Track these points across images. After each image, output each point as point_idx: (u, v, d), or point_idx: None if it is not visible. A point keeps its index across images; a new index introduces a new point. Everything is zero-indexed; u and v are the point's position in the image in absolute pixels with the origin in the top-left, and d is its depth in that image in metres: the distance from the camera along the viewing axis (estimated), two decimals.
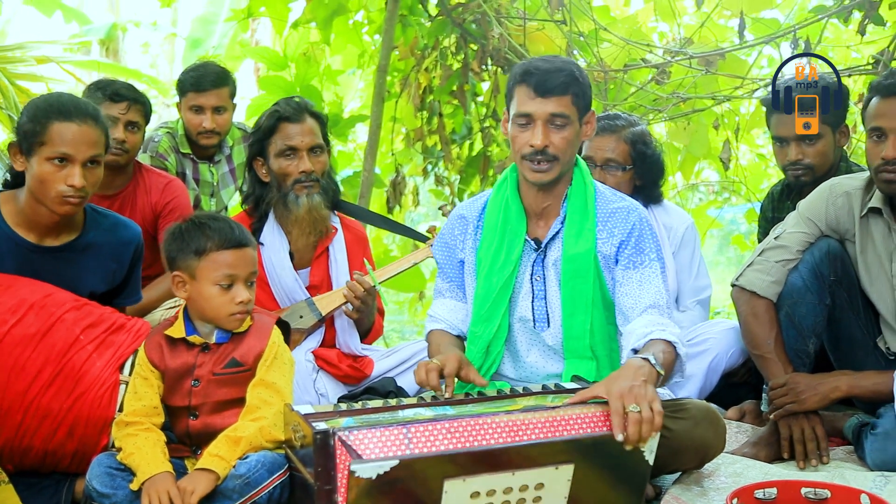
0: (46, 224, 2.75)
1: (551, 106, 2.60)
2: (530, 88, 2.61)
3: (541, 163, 2.64)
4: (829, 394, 2.85)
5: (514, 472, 2.08)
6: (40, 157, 2.62)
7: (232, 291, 2.48)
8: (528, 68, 2.64)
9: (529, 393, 2.39)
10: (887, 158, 2.78)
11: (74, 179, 2.62)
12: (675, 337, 2.50)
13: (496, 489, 2.07)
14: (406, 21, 5.99)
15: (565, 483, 2.13)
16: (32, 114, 2.65)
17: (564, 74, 2.61)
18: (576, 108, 2.64)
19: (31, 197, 2.70)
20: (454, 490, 2.05)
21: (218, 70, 4.28)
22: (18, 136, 2.67)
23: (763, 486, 2.46)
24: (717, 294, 3.88)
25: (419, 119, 6.32)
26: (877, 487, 2.52)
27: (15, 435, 2.52)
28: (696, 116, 5.41)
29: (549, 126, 2.62)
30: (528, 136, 2.63)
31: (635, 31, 5.48)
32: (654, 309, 2.60)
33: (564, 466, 2.12)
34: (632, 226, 2.70)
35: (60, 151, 2.62)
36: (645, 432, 2.12)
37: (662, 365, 2.35)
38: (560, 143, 2.63)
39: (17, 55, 5.63)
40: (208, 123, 4.20)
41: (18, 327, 2.56)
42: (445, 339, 2.83)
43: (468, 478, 2.05)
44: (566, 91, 2.61)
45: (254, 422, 2.39)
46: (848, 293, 2.99)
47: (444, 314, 2.90)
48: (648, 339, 2.49)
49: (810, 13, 5.03)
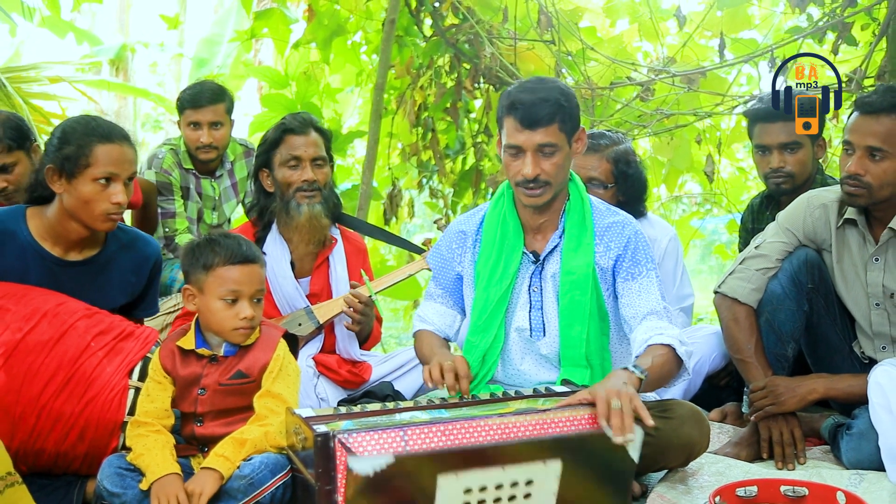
0: (74, 240, 2.77)
1: (539, 137, 2.58)
2: (517, 121, 2.59)
3: (534, 189, 2.64)
4: (807, 396, 2.85)
5: (505, 467, 2.08)
6: (85, 178, 2.65)
7: (237, 307, 2.47)
8: (513, 101, 2.61)
9: (521, 396, 2.39)
10: (849, 173, 2.80)
11: (119, 197, 2.67)
12: (672, 339, 2.50)
13: (487, 485, 2.07)
14: (402, 41, 6.01)
15: (554, 480, 2.13)
16: (72, 137, 2.66)
17: (549, 105, 2.57)
18: (563, 134, 2.62)
19: (64, 215, 2.72)
20: (448, 486, 2.04)
21: (214, 87, 4.30)
22: (57, 160, 2.66)
23: (744, 485, 2.47)
24: (700, 301, 3.88)
25: (414, 135, 6.32)
26: (852, 485, 2.53)
27: (29, 437, 2.51)
28: (679, 132, 5.43)
29: (538, 155, 2.61)
30: (519, 165, 2.63)
31: (621, 50, 5.50)
32: (653, 315, 2.61)
33: (553, 463, 2.12)
34: (627, 239, 2.70)
35: (108, 172, 2.66)
36: (627, 424, 2.12)
37: (649, 369, 2.36)
38: (551, 169, 2.62)
39: (32, 75, 5.65)
40: (206, 138, 4.21)
41: (32, 334, 2.55)
42: (436, 340, 2.83)
43: (461, 473, 2.05)
44: (552, 121, 2.58)
45: (260, 427, 2.39)
46: (825, 300, 2.99)
47: (433, 317, 2.89)
48: (647, 345, 2.51)
49: (786, 34, 5.06)
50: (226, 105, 4.27)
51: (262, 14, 6.19)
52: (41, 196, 2.77)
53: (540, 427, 2.16)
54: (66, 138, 2.67)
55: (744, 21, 5.34)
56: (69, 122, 2.76)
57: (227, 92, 4.34)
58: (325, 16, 5.88)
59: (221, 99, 4.25)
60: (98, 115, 2.92)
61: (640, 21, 5.72)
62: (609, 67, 5.32)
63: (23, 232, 2.74)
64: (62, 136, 2.69)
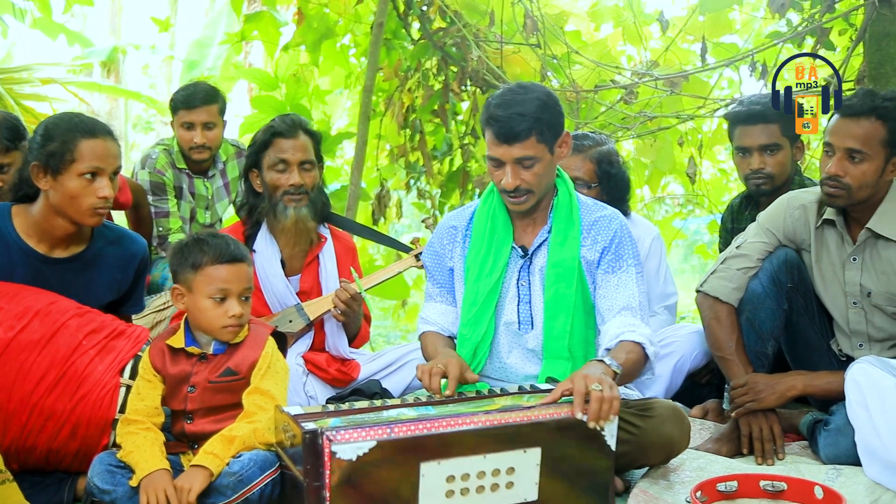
0: (59, 236, 2.75)
1: (516, 151, 2.58)
2: (494, 136, 2.60)
3: (516, 197, 2.66)
4: (786, 392, 2.87)
5: (486, 455, 2.10)
6: (71, 173, 2.64)
7: (225, 305, 2.47)
8: (491, 115, 2.60)
9: (506, 393, 2.40)
10: (829, 174, 2.82)
11: (106, 191, 2.66)
12: (643, 338, 2.53)
13: (470, 473, 2.09)
14: (390, 44, 6.01)
15: (535, 467, 2.15)
16: (56, 134, 2.65)
17: (525, 120, 2.55)
18: (543, 144, 2.61)
19: (50, 211, 2.70)
20: (430, 473, 2.06)
21: (207, 88, 4.31)
22: (41, 157, 2.65)
23: (725, 480, 2.48)
24: (682, 300, 3.90)
25: (402, 136, 6.32)
26: (829, 480, 2.54)
27: (20, 435, 2.50)
28: (662, 134, 5.45)
29: (517, 167, 2.61)
30: (501, 175, 2.64)
31: (605, 54, 5.53)
32: (628, 311, 2.63)
33: (532, 450, 2.14)
34: (613, 233, 2.72)
35: (93, 166, 2.65)
36: (605, 410, 2.15)
37: (623, 364, 2.40)
38: (531, 179, 2.63)
39: (24, 76, 5.63)
40: (199, 139, 4.22)
41: (24, 333, 2.54)
42: (440, 340, 2.83)
43: (443, 461, 2.07)
44: (528, 135, 2.57)
45: (249, 424, 2.39)
46: (804, 299, 3.01)
47: (435, 317, 2.89)
48: (619, 340, 2.53)
49: (766, 38, 5.08)
50: (219, 106, 4.28)
51: (252, 17, 6.18)
52: (26, 194, 2.75)
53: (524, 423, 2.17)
54: (49, 135, 2.66)
55: (725, 26, 5.37)
56: (52, 120, 2.75)
57: (219, 93, 4.35)
58: (314, 19, 5.88)
59: (215, 100, 4.26)
60: (81, 112, 2.90)
61: (623, 25, 5.74)
62: (593, 71, 5.33)
63: (7, 229, 2.73)
64: (45, 133, 2.67)
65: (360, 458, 1.98)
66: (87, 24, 12.88)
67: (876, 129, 2.77)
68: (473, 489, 2.11)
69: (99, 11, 12.21)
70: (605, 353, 2.51)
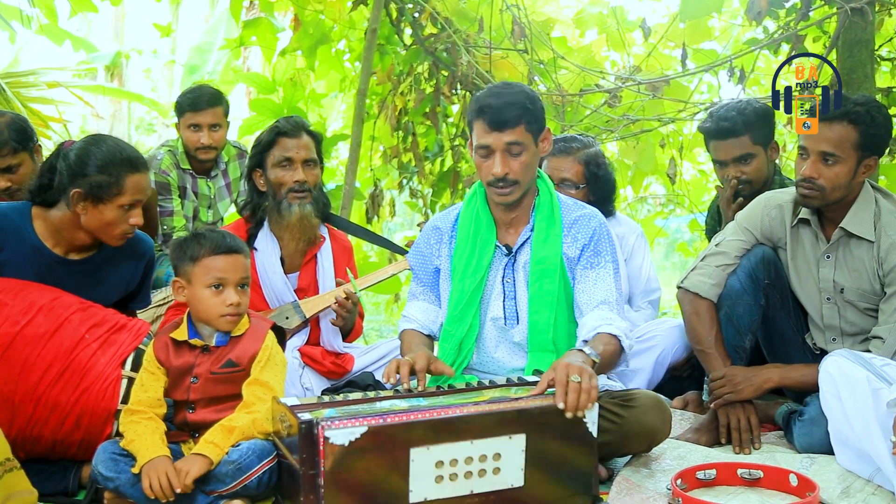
0: (78, 245, 2.78)
1: (507, 136, 2.62)
2: (486, 124, 2.62)
3: (504, 188, 2.67)
4: (763, 384, 2.87)
5: (473, 441, 2.11)
6: (113, 205, 2.67)
7: (223, 294, 2.47)
8: (482, 105, 2.64)
9: (495, 385, 2.40)
10: (804, 176, 2.83)
11: (137, 219, 2.73)
12: (619, 331, 2.55)
13: (458, 459, 2.10)
14: (383, 49, 6.01)
15: (520, 453, 2.17)
16: (103, 166, 2.65)
17: (516, 108, 2.61)
18: (530, 134, 2.65)
19: (74, 226, 2.72)
20: (420, 459, 2.07)
21: (212, 91, 4.33)
22: (84, 186, 2.65)
23: (704, 468, 2.49)
24: (664, 296, 3.90)
25: (395, 138, 6.32)
26: (803, 468, 2.55)
27: (27, 425, 2.50)
28: (644, 136, 5.46)
29: (506, 154, 2.63)
30: (490, 165, 2.65)
31: (590, 59, 5.52)
32: (605, 305, 2.65)
33: (517, 437, 2.15)
34: (593, 231, 2.73)
35: (134, 199, 2.70)
36: (583, 401, 2.16)
37: (601, 354, 2.42)
38: (518, 168, 2.65)
39: (31, 80, 5.60)
40: (205, 139, 4.24)
41: (29, 327, 2.54)
42: (416, 338, 2.83)
43: (432, 447, 2.08)
44: (519, 122, 2.61)
45: (248, 414, 2.39)
46: (780, 295, 3.02)
47: (417, 315, 2.90)
48: (596, 332, 2.55)
49: (744, 45, 5.09)
50: (223, 108, 4.31)
51: (251, 23, 6.17)
52: (44, 200, 2.76)
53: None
54: (97, 166, 2.65)
55: (704, 33, 5.37)
56: (99, 151, 2.69)
57: (223, 96, 4.38)
58: (310, 25, 5.88)
59: (219, 102, 4.28)
60: (112, 135, 2.91)
61: (608, 32, 5.75)
62: (579, 75, 5.33)
63: (27, 230, 2.73)
64: (90, 161, 2.66)
65: (352, 443, 2.00)
66: (91, 30, 12.83)
67: (848, 132, 2.78)
68: (462, 475, 2.12)
69: (103, 18, 12.16)
70: (582, 344, 2.52)
